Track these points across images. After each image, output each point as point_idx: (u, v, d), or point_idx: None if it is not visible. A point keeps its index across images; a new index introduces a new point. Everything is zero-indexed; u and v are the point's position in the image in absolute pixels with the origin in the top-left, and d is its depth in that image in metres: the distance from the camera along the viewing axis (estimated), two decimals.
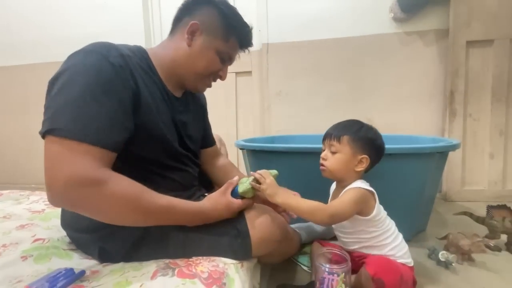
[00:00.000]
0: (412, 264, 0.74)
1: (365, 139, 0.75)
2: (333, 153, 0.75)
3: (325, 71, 1.75)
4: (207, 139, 0.90)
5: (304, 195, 1.16)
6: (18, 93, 2.16)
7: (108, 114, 0.50)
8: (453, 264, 0.86)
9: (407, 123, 1.65)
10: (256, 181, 0.67)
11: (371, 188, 0.73)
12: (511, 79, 1.46)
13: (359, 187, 0.71)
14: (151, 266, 0.57)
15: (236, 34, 0.68)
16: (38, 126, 0.49)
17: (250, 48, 0.74)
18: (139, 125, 0.57)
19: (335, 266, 0.60)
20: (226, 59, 0.70)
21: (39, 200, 1.00)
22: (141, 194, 0.51)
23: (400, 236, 0.75)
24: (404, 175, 0.95)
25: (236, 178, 0.68)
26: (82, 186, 0.46)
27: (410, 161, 0.95)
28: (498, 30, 1.44)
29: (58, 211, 0.85)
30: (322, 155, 0.78)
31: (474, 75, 1.50)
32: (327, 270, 0.60)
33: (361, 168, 0.74)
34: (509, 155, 1.49)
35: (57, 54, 2.04)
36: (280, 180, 0.78)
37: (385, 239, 0.73)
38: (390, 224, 0.75)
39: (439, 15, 1.55)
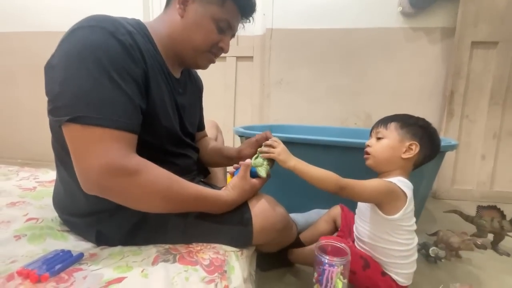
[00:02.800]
0: (405, 285, 0.68)
1: (415, 125, 0.71)
2: (379, 139, 0.72)
3: (327, 61, 1.73)
4: (200, 124, 0.88)
5: (302, 186, 1.15)
6: (2, 63, 2.04)
7: (127, 96, 0.48)
8: (442, 260, 0.89)
9: None
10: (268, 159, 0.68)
11: (406, 190, 0.65)
12: (511, 82, 1.47)
13: (391, 182, 0.66)
14: (151, 251, 0.56)
15: None
16: (25, 98, 0.46)
17: (252, 33, 0.71)
18: (147, 108, 0.54)
19: (335, 259, 0.60)
20: (225, 27, 0.63)
21: (29, 177, 0.96)
22: (171, 184, 0.52)
23: (413, 257, 0.69)
24: None
25: (248, 160, 0.66)
26: (117, 176, 0.46)
27: None
28: (503, 33, 1.44)
29: (50, 190, 0.82)
30: (367, 142, 0.75)
31: (475, 76, 1.51)
32: (327, 262, 0.60)
33: (408, 155, 0.68)
34: (500, 157, 1.53)
35: (47, 23, 1.93)
36: (279, 171, 0.75)
37: (396, 251, 0.67)
38: (411, 241, 0.68)
39: (447, 13, 1.53)
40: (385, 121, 0.74)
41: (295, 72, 1.77)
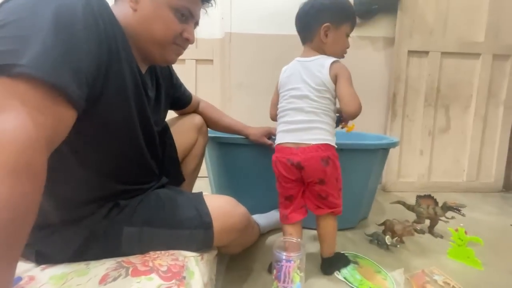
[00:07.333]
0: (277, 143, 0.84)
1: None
2: None
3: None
4: (184, 98, 0.90)
5: (264, 185, 1.18)
6: None
7: None
8: (398, 246, 0.99)
9: (356, 121, 1.80)
10: None
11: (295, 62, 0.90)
12: (440, 87, 1.70)
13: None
14: (100, 268, 0.52)
15: None
16: None
17: (212, 36, 0.70)
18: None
19: (291, 254, 0.63)
20: (187, 14, 0.59)
21: None
22: None
23: (283, 118, 0.86)
24: (351, 168, 1.03)
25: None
26: None
27: (357, 155, 1.05)
28: (432, 43, 1.65)
29: None
30: None
31: (412, 81, 1.70)
32: (284, 257, 0.63)
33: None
34: (435, 152, 1.75)
35: None
36: (243, 171, 0.75)
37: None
38: (283, 104, 0.87)
39: (388, 24, 1.71)
40: None
41: (254, 76, 1.81)
